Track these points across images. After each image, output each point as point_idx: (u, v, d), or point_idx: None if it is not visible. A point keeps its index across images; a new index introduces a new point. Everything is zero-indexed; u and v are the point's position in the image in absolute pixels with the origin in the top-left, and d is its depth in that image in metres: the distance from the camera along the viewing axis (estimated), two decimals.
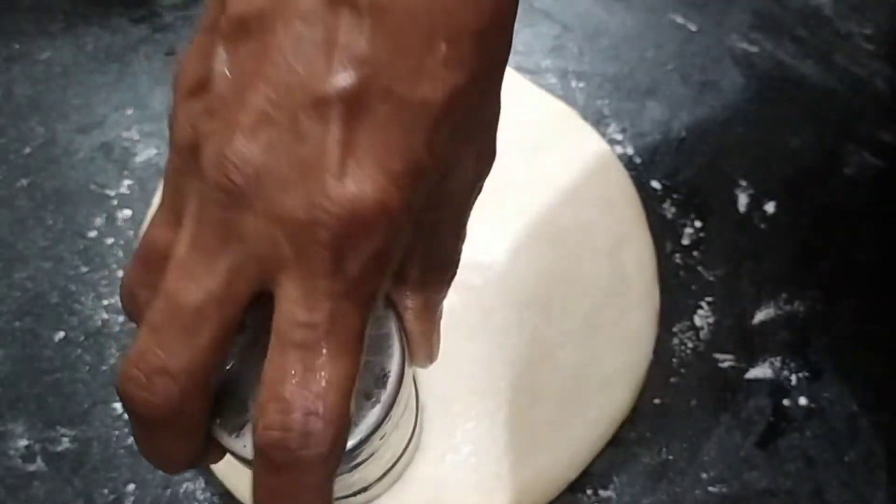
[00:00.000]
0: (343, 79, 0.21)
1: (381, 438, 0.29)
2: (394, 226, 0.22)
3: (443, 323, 0.41)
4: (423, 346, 0.30)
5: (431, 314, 0.29)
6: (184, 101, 0.23)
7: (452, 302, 0.41)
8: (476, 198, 0.27)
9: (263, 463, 0.23)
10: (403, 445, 0.35)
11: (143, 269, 0.24)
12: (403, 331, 0.28)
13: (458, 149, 0.24)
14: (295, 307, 0.22)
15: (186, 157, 0.23)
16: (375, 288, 0.23)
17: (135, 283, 0.25)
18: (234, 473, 0.38)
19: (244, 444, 0.26)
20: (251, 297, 0.23)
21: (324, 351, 0.22)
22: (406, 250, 0.24)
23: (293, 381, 0.22)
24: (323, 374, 0.22)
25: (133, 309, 0.25)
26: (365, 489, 0.35)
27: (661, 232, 0.44)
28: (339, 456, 0.24)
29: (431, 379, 0.39)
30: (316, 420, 0.22)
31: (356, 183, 0.21)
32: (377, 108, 0.22)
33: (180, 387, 0.23)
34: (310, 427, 0.22)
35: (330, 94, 0.21)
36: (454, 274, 0.28)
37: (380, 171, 0.22)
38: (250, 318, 0.24)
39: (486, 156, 0.26)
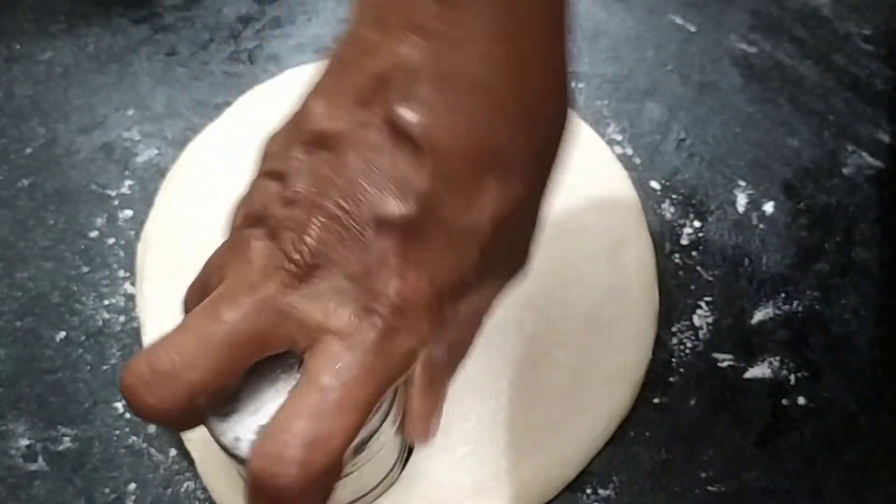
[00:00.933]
0: (403, 208, 0.25)
1: (353, 465, 0.29)
2: (434, 325, 0.26)
3: None
4: (419, 422, 0.31)
5: (435, 392, 0.31)
6: (263, 179, 0.28)
7: None
8: (495, 300, 0.30)
9: (252, 486, 0.25)
10: (396, 456, 0.35)
11: (199, 294, 0.28)
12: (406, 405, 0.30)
13: (500, 260, 0.28)
14: (333, 361, 0.25)
15: (252, 224, 0.27)
16: (405, 370, 0.27)
17: (192, 303, 0.28)
18: (217, 478, 0.38)
19: (228, 430, 0.27)
20: (281, 348, 0.26)
21: (343, 402, 0.25)
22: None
23: (306, 418, 0.25)
24: (334, 420, 0.25)
25: None
26: (363, 496, 0.35)
27: (661, 232, 0.44)
28: (321, 499, 0.26)
29: None
30: (311, 463, 0.24)
31: (410, 288, 0.25)
32: (431, 232, 0.26)
33: (180, 393, 0.25)
34: (304, 468, 0.24)
35: (392, 218, 0.25)
36: (464, 359, 0.31)
37: (430, 282, 0.26)
38: None
39: (521, 261, 0.30)
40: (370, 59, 0.26)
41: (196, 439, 0.38)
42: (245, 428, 0.27)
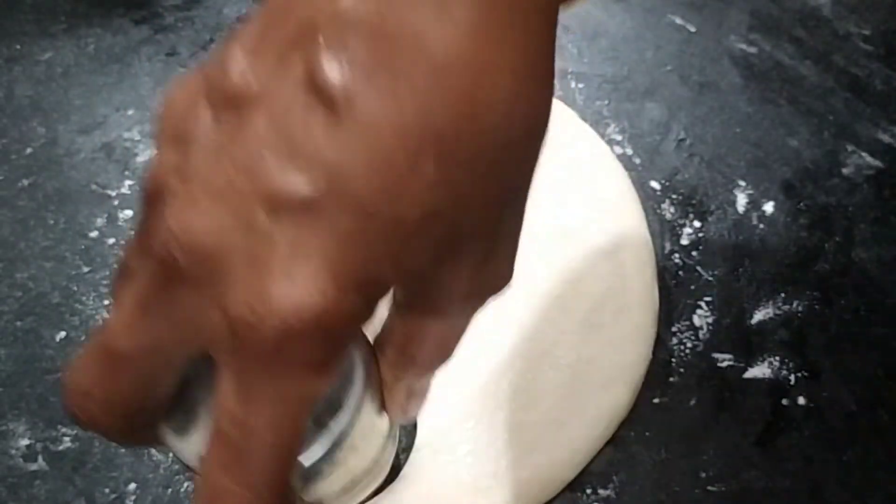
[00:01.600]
0: (301, 181, 0.20)
1: (330, 464, 0.28)
2: (336, 337, 0.21)
3: None
4: (396, 397, 0.27)
5: (415, 361, 0.27)
6: (164, 144, 0.22)
7: None
8: (480, 308, 0.25)
9: None
10: (384, 440, 0.34)
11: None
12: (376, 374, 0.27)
13: (443, 264, 0.22)
14: (230, 401, 0.21)
15: (149, 202, 0.22)
16: (312, 392, 0.21)
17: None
18: None
19: (188, 447, 0.25)
20: (182, 359, 0.23)
21: (257, 446, 0.21)
22: (386, 334, 0.25)
23: (223, 474, 0.21)
24: (254, 467, 0.21)
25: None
26: (357, 486, 0.35)
27: (660, 232, 0.45)
28: None
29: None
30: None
31: (300, 288, 0.20)
32: (338, 217, 0.20)
33: (100, 412, 0.23)
34: None
35: (284, 194, 0.20)
36: (446, 362, 0.27)
37: (329, 280, 0.20)
38: None
39: (492, 273, 0.24)
40: (303, 3, 0.21)
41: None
42: (206, 443, 0.24)
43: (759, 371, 0.41)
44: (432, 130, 0.20)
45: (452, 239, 0.22)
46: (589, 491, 0.39)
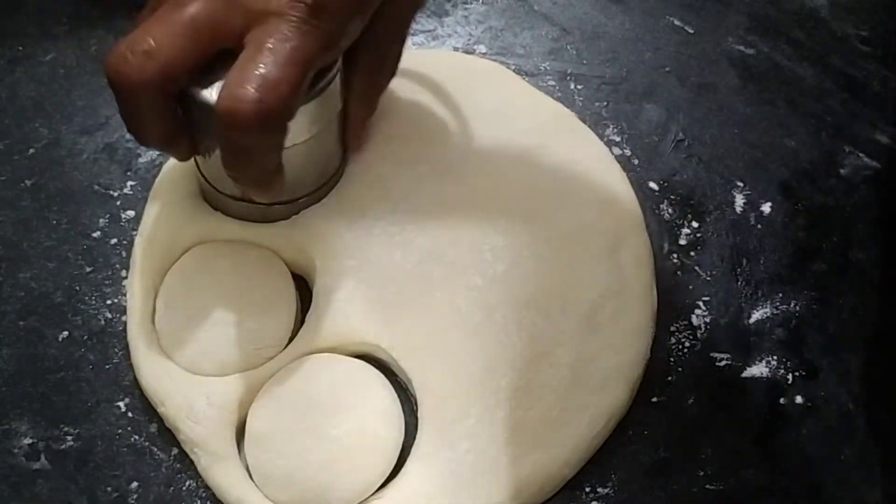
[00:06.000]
0: (260, 1, 0.33)
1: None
2: (347, 16, 0.34)
3: (444, 320, 0.41)
4: (355, 125, 0.41)
5: (371, 97, 0.41)
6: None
7: (455, 301, 0.41)
8: (412, 20, 0.40)
9: (219, 122, 0.33)
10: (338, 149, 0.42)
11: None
12: (346, 110, 0.40)
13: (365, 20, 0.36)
14: (275, 31, 0.33)
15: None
16: (333, 46, 0.35)
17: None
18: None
19: (209, 92, 0.34)
20: (232, 36, 0.33)
21: (286, 58, 0.32)
22: (357, 43, 0.36)
23: (259, 69, 0.32)
24: (281, 71, 0.32)
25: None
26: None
27: (659, 232, 0.45)
28: (279, 131, 0.34)
29: (431, 376, 0.39)
30: (265, 101, 0.32)
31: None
32: (292, 16, 0.33)
33: (157, 67, 0.33)
34: (259, 105, 0.32)
35: (254, 6, 0.33)
36: (394, 70, 0.41)
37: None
38: None
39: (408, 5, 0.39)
40: None
41: (196, 439, 0.39)
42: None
43: (757, 370, 0.41)
44: None
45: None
46: (588, 489, 0.39)
